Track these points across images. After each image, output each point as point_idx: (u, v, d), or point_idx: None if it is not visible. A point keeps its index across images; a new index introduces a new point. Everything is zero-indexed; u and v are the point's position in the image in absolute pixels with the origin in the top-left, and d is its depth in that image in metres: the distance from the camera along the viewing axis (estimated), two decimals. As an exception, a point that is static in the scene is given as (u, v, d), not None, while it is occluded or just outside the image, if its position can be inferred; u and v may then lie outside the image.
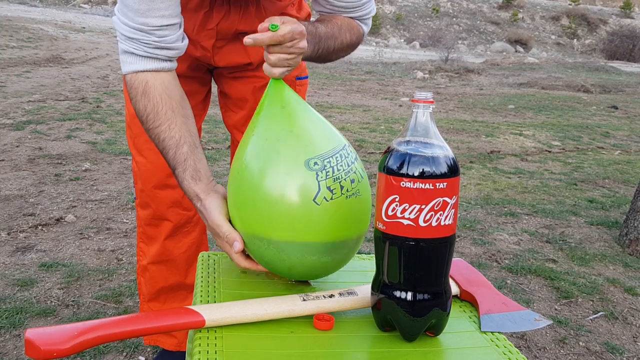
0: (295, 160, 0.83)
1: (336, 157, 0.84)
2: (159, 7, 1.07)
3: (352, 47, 1.25)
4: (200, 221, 1.60)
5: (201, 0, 1.29)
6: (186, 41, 1.16)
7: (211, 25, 1.33)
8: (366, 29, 1.28)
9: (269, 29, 0.93)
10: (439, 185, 0.77)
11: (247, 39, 0.94)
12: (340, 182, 0.84)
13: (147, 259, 1.58)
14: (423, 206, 0.78)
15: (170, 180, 1.49)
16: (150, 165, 1.47)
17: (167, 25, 1.09)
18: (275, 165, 0.85)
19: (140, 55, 1.10)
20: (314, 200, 0.83)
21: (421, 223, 0.78)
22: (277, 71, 0.96)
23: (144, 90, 1.10)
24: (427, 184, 0.77)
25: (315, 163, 0.82)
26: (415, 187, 0.77)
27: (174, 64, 1.15)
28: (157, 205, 1.51)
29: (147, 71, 1.10)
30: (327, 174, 0.83)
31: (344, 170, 0.84)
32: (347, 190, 0.84)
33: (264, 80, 1.48)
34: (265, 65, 0.97)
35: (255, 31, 1.39)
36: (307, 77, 1.56)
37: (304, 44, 0.98)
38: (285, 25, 0.94)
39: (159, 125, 1.08)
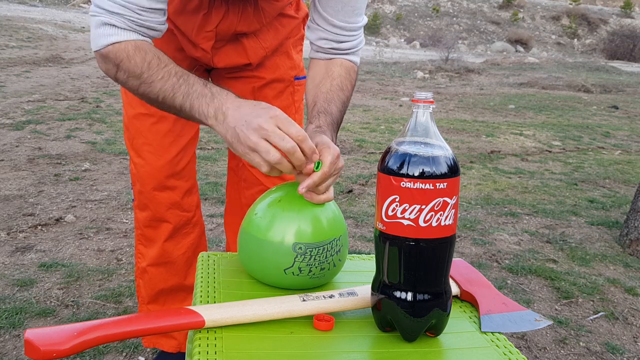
0: (288, 237, 0.97)
1: (319, 249, 0.97)
2: None
3: (354, 87, 1.29)
4: (199, 222, 1.59)
5: (200, 2, 1.29)
6: (166, 25, 1.12)
7: (210, 27, 1.32)
8: (358, 61, 1.31)
9: (314, 170, 0.96)
10: (439, 186, 0.77)
11: (302, 189, 0.95)
12: (310, 268, 0.97)
13: (146, 261, 1.57)
14: (423, 206, 0.77)
15: (169, 182, 1.48)
16: (148, 167, 1.46)
17: (154, 9, 1.06)
18: (273, 231, 0.98)
19: (122, 28, 1.04)
20: (284, 270, 0.96)
21: (421, 223, 0.78)
22: (326, 196, 0.99)
23: (136, 46, 1.04)
24: (427, 184, 0.77)
25: (300, 248, 0.96)
26: (415, 187, 0.77)
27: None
28: (156, 207, 1.50)
29: (129, 41, 1.04)
30: (304, 258, 0.96)
31: (319, 260, 0.97)
32: (313, 274, 0.98)
33: (264, 80, 1.48)
34: (313, 196, 0.99)
35: (254, 32, 1.40)
36: (305, 78, 1.55)
37: (342, 162, 1.01)
38: (325, 157, 0.97)
39: (165, 65, 1.03)
